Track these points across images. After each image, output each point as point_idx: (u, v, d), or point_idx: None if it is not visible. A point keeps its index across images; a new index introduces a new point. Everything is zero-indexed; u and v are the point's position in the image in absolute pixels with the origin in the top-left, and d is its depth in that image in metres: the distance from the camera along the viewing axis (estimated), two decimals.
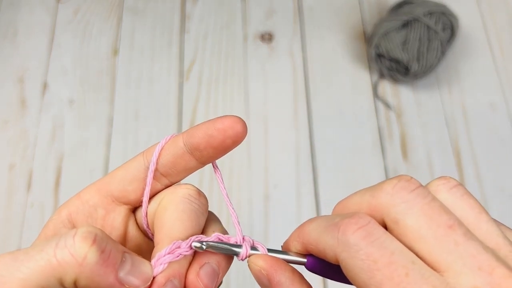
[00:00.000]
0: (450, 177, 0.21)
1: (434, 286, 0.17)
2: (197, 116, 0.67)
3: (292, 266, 0.22)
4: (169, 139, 0.24)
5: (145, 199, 0.24)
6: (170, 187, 0.24)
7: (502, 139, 0.66)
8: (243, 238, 0.23)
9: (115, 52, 0.72)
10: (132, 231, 0.25)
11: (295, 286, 0.21)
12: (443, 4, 0.68)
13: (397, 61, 0.66)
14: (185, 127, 0.67)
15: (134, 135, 0.66)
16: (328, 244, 0.19)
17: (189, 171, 0.24)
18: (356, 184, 0.63)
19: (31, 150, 0.66)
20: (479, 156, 0.65)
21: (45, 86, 0.70)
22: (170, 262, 0.21)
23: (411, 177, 0.20)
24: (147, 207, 0.24)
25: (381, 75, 0.70)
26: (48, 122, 0.67)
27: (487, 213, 0.19)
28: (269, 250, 0.23)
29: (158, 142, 0.24)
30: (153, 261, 0.21)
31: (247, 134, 0.23)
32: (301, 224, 0.22)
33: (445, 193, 0.20)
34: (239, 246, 0.22)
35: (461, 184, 0.20)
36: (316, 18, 0.75)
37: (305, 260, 0.22)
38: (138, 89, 0.70)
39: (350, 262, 0.18)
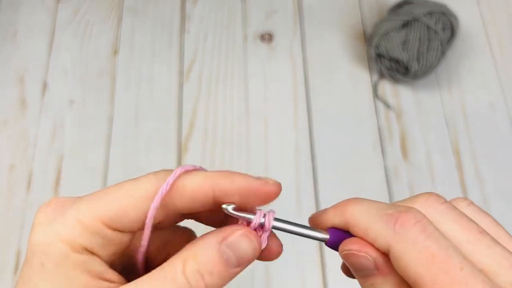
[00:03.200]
0: (465, 197, 0.23)
1: (484, 281, 0.18)
2: (197, 116, 0.68)
3: None
4: (164, 192, 0.21)
5: (144, 243, 0.22)
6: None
7: (502, 139, 0.66)
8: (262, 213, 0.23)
9: (115, 52, 0.72)
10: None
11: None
12: (443, 4, 0.68)
13: (397, 61, 0.66)
14: (185, 127, 0.67)
15: (134, 135, 0.66)
16: (381, 233, 0.20)
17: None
18: (356, 184, 0.63)
19: (31, 150, 0.66)
20: (479, 156, 0.65)
21: (45, 86, 0.70)
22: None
23: (438, 194, 0.22)
24: (144, 250, 0.23)
25: (381, 75, 0.70)
26: (48, 122, 0.67)
27: (501, 225, 0.21)
28: (287, 223, 0.23)
29: (169, 172, 0.22)
30: (252, 217, 0.22)
31: (247, 134, 0.23)
32: (343, 203, 0.22)
33: (466, 208, 0.22)
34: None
35: (474, 203, 0.22)
36: (316, 18, 0.75)
37: (326, 236, 0.23)
38: (138, 89, 0.70)
39: (406, 254, 0.19)
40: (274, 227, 0.23)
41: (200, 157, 0.65)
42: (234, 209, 0.22)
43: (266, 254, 0.23)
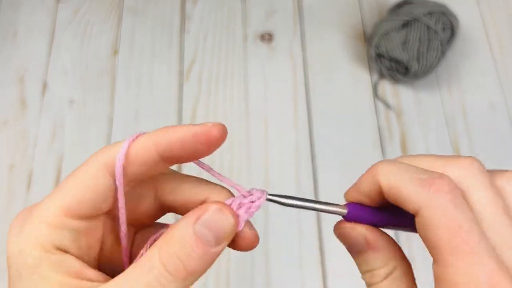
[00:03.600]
0: None
1: (492, 256, 0.19)
2: (197, 116, 0.67)
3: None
4: (128, 146, 0.21)
5: (123, 227, 0.22)
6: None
7: (502, 139, 0.66)
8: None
9: (115, 52, 0.72)
10: (109, 228, 0.24)
11: (389, 242, 0.24)
12: (443, 4, 0.68)
13: (397, 61, 0.66)
14: None
15: None
16: (414, 195, 0.20)
17: (160, 172, 0.23)
18: None
19: (31, 150, 0.66)
20: (479, 156, 0.65)
21: (45, 86, 0.70)
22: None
23: (481, 162, 0.23)
24: (125, 229, 0.23)
25: (381, 75, 0.70)
26: (48, 122, 0.67)
27: None
28: (301, 200, 0.24)
29: (113, 145, 0.22)
30: (231, 200, 0.22)
31: (247, 134, 0.23)
32: (374, 165, 0.23)
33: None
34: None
35: None
36: (316, 18, 0.75)
37: (344, 211, 0.24)
38: (138, 89, 0.70)
39: (435, 220, 0.20)
40: (287, 205, 0.23)
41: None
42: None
43: (241, 242, 0.23)
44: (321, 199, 0.62)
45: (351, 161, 0.65)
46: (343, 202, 0.25)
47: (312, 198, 0.62)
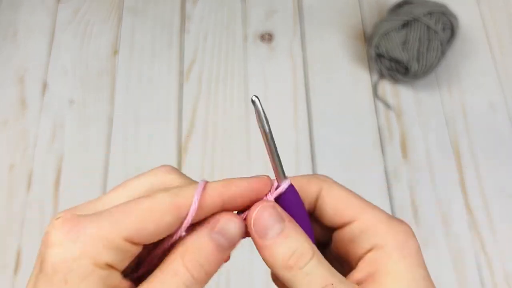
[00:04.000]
0: None
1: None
2: (197, 116, 0.67)
3: None
4: (198, 202, 0.23)
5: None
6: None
7: (502, 139, 0.66)
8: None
9: (115, 52, 0.72)
10: None
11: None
12: (443, 4, 0.68)
13: (397, 61, 0.66)
14: (185, 127, 0.67)
15: (134, 135, 0.66)
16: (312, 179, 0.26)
17: None
18: (356, 184, 0.63)
19: (31, 150, 0.66)
20: (479, 156, 0.65)
21: (45, 86, 0.70)
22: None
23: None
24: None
25: (381, 75, 0.70)
26: (48, 122, 0.67)
27: None
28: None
29: (186, 189, 0.23)
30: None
31: (247, 134, 0.24)
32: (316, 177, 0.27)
33: None
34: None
35: None
36: (316, 18, 0.75)
37: (286, 184, 0.25)
38: (138, 89, 0.70)
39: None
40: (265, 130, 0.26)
41: (200, 157, 0.65)
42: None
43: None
44: None
45: (351, 161, 0.65)
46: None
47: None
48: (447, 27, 0.66)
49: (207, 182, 0.23)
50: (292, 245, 0.22)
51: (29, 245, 0.60)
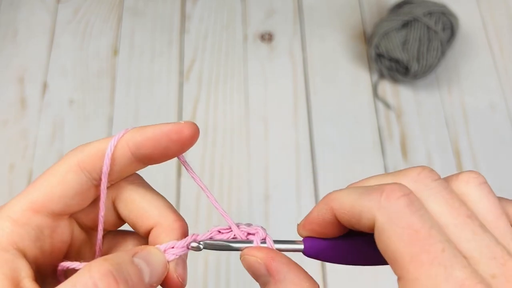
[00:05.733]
0: (479, 173, 0.21)
1: (465, 266, 0.17)
2: (197, 116, 0.67)
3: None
4: (113, 149, 0.21)
5: (100, 226, 0.23)
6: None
7: (502, 139, 0.66)
8: (250, 232, 0.23)
9: (115, 52, 0.72)
10: (76, 233, 0.23)
11: (293, 271, 0.21)
12: (443, 4, 0.68)
13: (397, 61, 0.66)
14: None
15: None
16: (367, 206, 0.19)
17: (133, 172, 0.24)
18: None
19: (31, 150, 0.66)
20: (479, 156, 0.65)
21: (45, 86, 0.70)
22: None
23: (432, 169, 0.20)
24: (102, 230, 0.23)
25: (381, 75, 0.70)
26: (48, 122, 0.67)
27: (506, 216, 0.20)
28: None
29: (89, 144, 0.22)
30: (163, 246, 0.21)
31: (247, 134, 0.23)
32: (327, 194, 0.22)
33: (474, 187, 0.20)
34: (242, 241, 0.23)
35: (487, 183, 0.21)
36: (316, 18, 0.75)
37: (301, 246, 0.22)
38: (138, 89, 0.70)
39: (389, 228, 0.18)
40: (234, 249, 0.23)
41: (200, 157, 0.65)
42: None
43: (169, 282, 0.22)
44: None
45: (351, 161, 0.65)
46: None
47: (312, 199, 0.62)
48: (447, 27, 0.66)
49: (125, 131, 0.22)
50: None
51: None
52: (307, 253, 0.22)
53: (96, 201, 0.23)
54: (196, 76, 0.70)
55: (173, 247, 0.21)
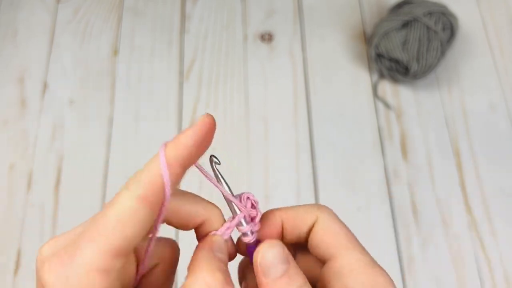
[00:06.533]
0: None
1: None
2: (197, 116, 0.67)
3: None
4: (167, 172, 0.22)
5: (152, 241, 0.24)
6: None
7: (502, 139, 0.66)
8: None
9: (115, 52, 0.72)
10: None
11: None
12: (443, 4, 0.68)
13: (397, 61, 0.67)
14: (185, 127, 0.67)
15: (134, 135, 0.66)
16: (309, 214, 0.26)
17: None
18: (356, 184, 0.63)
19: (31, 150, 0.66)
20: (479, 156, 0.65)
21: (45, 86, 0.70)
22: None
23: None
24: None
25: (381, 75, 0.70)
26: (48, 122, 0.67)
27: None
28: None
29: (142, 173, 0.22)
30: (220, 231, 0.25)
31: (247, 134, 0.24)
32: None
33: None
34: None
35: None
36: (316, 18, 0.75)
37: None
38: (138, 89, 0.70)
39: (331, 228, 0.25)
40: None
41: (200, 157, 0.65)
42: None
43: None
44: (321, 199, 0.62)
45: (351, 161, 0.65)
46: (342, 203, 0.27)
47: (312, 200, 0.62)
48: (447, 27, 0.66)
49: (165, 144, 0.22)
50: None
51: (29, 245, 0.60)
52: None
53: None
54: (196, 76, 0.70)
55: (228, 228, 0.25)
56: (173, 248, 0.26)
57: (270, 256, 0.23)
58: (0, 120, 0.68)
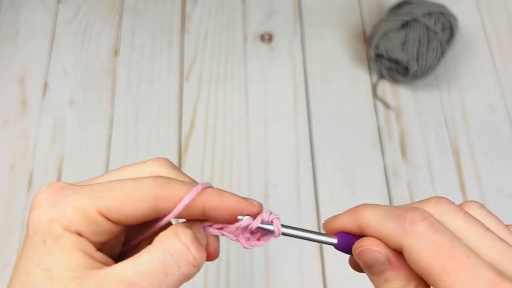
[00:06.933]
0: (477, 202, 0.25)
1: (489, 268, 0.20)
2: (197, 116, 0.68)
3: None
4: (187, 202, 0.23)
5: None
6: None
7: (501, 139, 0.67)
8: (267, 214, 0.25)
9: (116, 52, 0.73)
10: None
11: (405, 262, 0.23)
12: (442, 4, 0.68)
13: (396, 62, 0.67)
14: (185, 127, 0.67)
15: (134, 135, 0.66)
16: (393, 231, 0.22)
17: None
18: (356, 184, 0.63)
19: (32, 150, 0.66)
20: (478, 156, 0.65)
21: (45, 86, 0.70)
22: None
23: (447, 198, 0.24)
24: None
25: (381, 75, 0.70)
26: (49, 122, 0.68)
27: (509, 229, 0.24)
28: (296, 229, 0.25)
29: (171, 183, 0.23)
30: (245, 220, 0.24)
31: (247, 134, 0.24)
32: (355, 208, 0.24)
33: (476, 210, 0.24)
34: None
35: (487, 208, 0.24)
36: (316, 18, 0.75)
37: (334, 241, 0.25)
38: (138, 89, 0.70)
39: (416, 248, 0.21)
40: (284, 234, 0.25)
41: (200, 157, 0.65)
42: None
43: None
44: (321, 199, 0.62)
45: (351, 161, 0.65)
46: (342, 203, 0.26)
47: (312, 199, 0.62)
48: (446, 28, 0.66)
49: (204, 187, 0.24)
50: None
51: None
52: (339, 247, 0.25)
53: None
54: (196, 76, 0.71)
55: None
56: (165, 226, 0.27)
57: (371, 253, 0.23)
58: (0, 120, 0.68)
